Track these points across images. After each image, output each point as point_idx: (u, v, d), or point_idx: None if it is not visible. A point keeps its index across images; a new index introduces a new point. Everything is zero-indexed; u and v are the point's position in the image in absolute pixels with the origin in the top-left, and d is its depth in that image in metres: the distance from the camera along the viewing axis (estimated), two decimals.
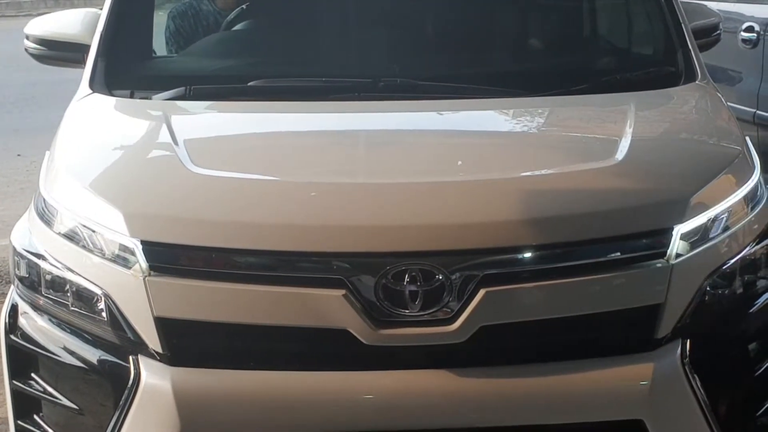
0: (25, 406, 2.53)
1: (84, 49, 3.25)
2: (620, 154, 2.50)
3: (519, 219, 2.29)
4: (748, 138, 2.83)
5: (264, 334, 2.29)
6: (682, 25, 3.22)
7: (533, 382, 2.31)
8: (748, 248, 2.48)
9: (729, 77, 5.93)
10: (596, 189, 2.40)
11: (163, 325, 2.29)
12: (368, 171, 2.51)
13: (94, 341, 2.41)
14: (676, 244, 2.34)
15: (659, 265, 2.33)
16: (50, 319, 2.49)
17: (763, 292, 2.52)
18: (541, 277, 2.28)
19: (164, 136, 2.65)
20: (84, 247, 2.40)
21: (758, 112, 5.55)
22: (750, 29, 5.61)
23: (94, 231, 2.38)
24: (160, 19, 4.02)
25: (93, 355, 2.41)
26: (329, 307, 2.25)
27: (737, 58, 5.80)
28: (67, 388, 2.45)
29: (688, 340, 2.36)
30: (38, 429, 2.51)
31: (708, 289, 2.40)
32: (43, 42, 3.39)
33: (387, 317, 2.26)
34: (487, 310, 2.26)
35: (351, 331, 2.25)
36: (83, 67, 3.38)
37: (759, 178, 2.61)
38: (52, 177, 2.60)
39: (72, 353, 2.44)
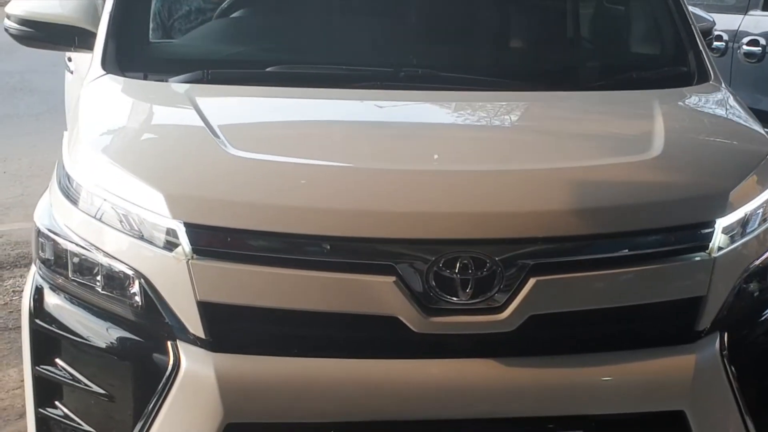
0: (48, 393, 2.44)
1: (72, 30, 3.17)
2: (658, 147, 2.53)
3: (569, 209, 2.29)
4: None
5: (310, 320, 2.25)
6: (692, 26, 3.27)
7: (579, 372, 2.31)
8: None
9: None
10: (640, 181, 2.41)
11: (207, 309, 2.23)
12: (415, 158, 2.48)
13: (126, 325, 2.34)
14: (718, 238, 2.36)
15: (703, 257, 2.35)
16: (77, 303, 2.40)
17: None
18: (589, 268, 2.29)
19: (194, 118, 2.58)
20: (117, 227, 2.32)
21: None
22: (718, 38, 5.74)
23: (129, 211, 2.31)
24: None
25: (124, 340, 2.34)
26: (379, 294, 2.22)
27: None
28: (95, 374, 2.37)
29: (726, 333, 2.39)
30: (62, 417, 2.43)
31: (744, 283, 2.43)
32: (25, 22, 3.29)
33: (437, 305, 2.24)
34: (536, 299, 2.25)
35: (401, 318, 2.23)
36: (70, 49, 3.30)
37: None
38: (78, 155, 2.51)
39: (102, 338, 2.36)
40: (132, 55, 3.04)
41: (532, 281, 2.24)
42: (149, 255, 2.28)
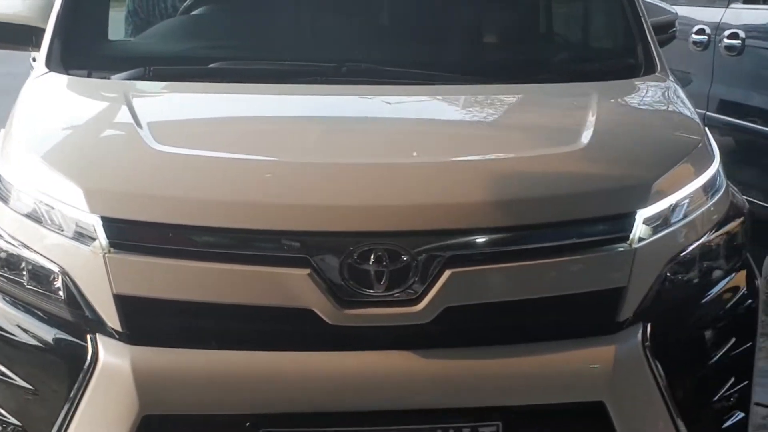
0: None
1: (31, 30, 3.19)
2: (584, 139, 2.52)
3: (485, 201, 2.29)
4: (707, 129, 2.86)
5: (226, 313, 2.26)
6: (642, 18, 3.26)
7: (496, 364, 2.31)
8: (707, 235, 2.51)
9: (680, 79, 6.02)
10: (561, 173, 2.41)
11: (123, 302, 2.25)
12: (333, 151, 2.49)
13: (51, 320, 2.36)
14: (639, 229, 2.35)
15: (622, 248, 2.34)
16: (4, 298, 2.43)
17: (721, 279, 2.55)
18: (506, 259, 2.29)
19: (125, 114, 2.60)
20: (41, 223, 2.35)
21: (708, 113, 5.64)
22: (701, 32, 5.71)
23: (52, 207, 2.34)
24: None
25: (49, 334, 2.36)
26: (294, 286, 2.23)
27: (688, 60, 5.89)
28: (21, 369, 2.39)
29: (649, 324, 2.38)
30: None
31: (668, 274, 2.42)
32: None
33: (352, 297, 2.25)
34: (451, 291, 2.25)
35: (315, 310, 2.23)
36: (29, 49, 3.32)
37: (718, 168, 2.65)
38: (8, 153, 2.54)
39: (27, 332, 2.38)
40: (78, 53, 3.07)
41: (447, 273, 2.25)
42: (70, 250, 2.31)
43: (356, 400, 2.27)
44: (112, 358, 2.26)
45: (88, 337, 2.29)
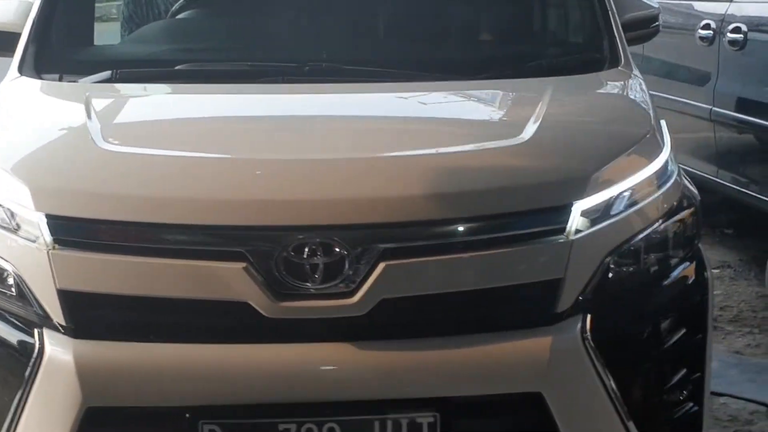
0: None
1: (10, 36, 3.27)
2: (527, 134, 2.53)
3: (418, 194, 2.32)
4: (664, 122, 2.85)
5: (165, 307, 2.32)
6: (609, 12, 3.26)
7: (433, 355, 2.33)
8: (653, 226, 2.51)
9: (687, 74, 5.99)
10: (497, 166, 2.43)
11: (66, 297, 2.31)
12: (270, 147, 2.54)
13: (3, 316, 2.43)
14: (576, 221, 2.36)
15: (558, 240, 2.35)
16: None
17: (668, 270, 2.55)
18: (440, 252, 2.31)
19: (80, 115, 2.67)
20: None
21: (714, 108, 5.59)
22: (707, 27, 5.67)
23: (3, 206, 2.41)
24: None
25: (1, 329, 2.43)
26: (230, 280, 2.27)
27: (695, 55, 5.86)
28: None
29: (589, 315, 2.39)
30: None
31: (611, 265, 2.43)
32: None
33: (288, 290, 2.28)
34: (387, 283, 2.28)
35: (251, 303, 2.28)
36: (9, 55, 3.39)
37: (668, 159, 2.64)
38: None
39: None
40: (50, 58, 3.15)
41: (381, 266, 2.28)
42: (19, 247, 2.38)
43: (293, 391, 2.31)
44: (57, 352, 2.32)
45: (36, 331, 2.36)
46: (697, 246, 2.65)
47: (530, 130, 2.55)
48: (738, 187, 5.48)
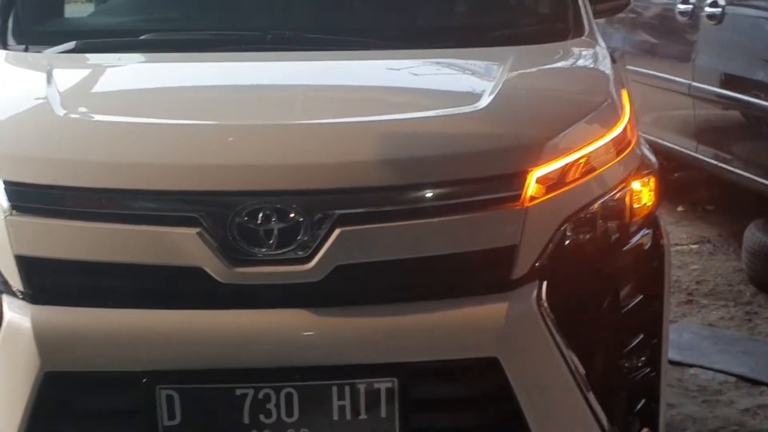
0: None
1: None
2: (483, 101, 2.54)
3: (373, 160, 2.32)
4: (626, 91, 2.86)
5: (122, 273, 2.32)
6: None
7: (390, 321, 2.34)
8: (610, 194, 2.52)
9: (668, 49, 5.99)
10: (452, 133, 2.44)
11: (23, 263, 2.32)
12: (226, 113, 2.55)
13: None
14: (531, 188, 2.38)
15: (513, 207, 2.36)
16: None
17: (624, 237, 2.56)
18: (396, 218, 2.32)
19: (41, 83, 2.67)
20: None
21: (693, 83, 5.60)
22: (686, 1, 5.67)
23: None
24: None
25: None
26: (184, 245, 2.28)
27: (675, 30, 5.86)
28: None
29: (545, 282, 2.40)
30: None
31: (567, 232, 2.44)
32: None
33: (242, 256, 2.29)
34: (342, 249, 2.29)
35: (206, 269, 2.29)
36: None
37: (625, 127, 2.64)
38: None
39: None
40: (17, 29, 3.15)
41: (337, 231, 2.29)
42: None
43: (250, 357, 2.32)
44: (16, 318, 2.33)
45: None
46: (655, 214, 2.66)
47: (487, 97, 2.55)
48: (717, 163, 5.50)
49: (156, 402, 2.31)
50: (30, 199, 2.33)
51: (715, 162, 5.50)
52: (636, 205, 2.59)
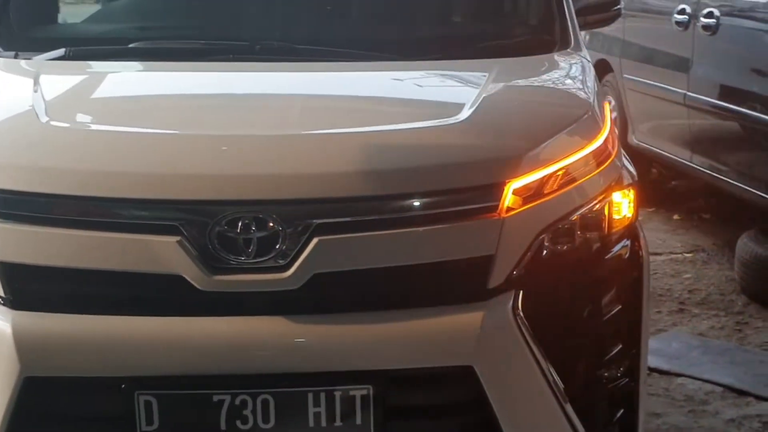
0: None
1: None
2: (463, 114, 2.57)
3: (350, 170, 2.35)
4: (610, 103, 2.89)
5: (104, 280, 2.35)
6: None
7: (366, 329, 2.37)
8: (588, 205, 2.54)
9: (664, 59, 6.01)
10: (430, 145, 2.46)
11: (5, 268, 2.36)
12: (208, 123, 2.58)
13: None
14: (508, 199, 2.40)
15: (490, 218, 2.39)
16: None
17: (602, 248, 2.58)
18: (373, 227, 2.35)
19: (27, 91, 2.71)
20: None
21: (688, 93, 5.62)
22: (683, 11, 5.69)
23: None
24: None
25: None
26: (164, 254, 2.31)
27: (672, 40, 5.88)
28: None
29: (522, 292, 2.42)
30: None
31: (544, 243, 2.46)
32: None
33: (221, 264, 2.32)
34: (320, 258, 2.32)
35: (186, 277, 2.31)
36: None
37: (605, 139, 2.66)
38: None
39: None
40: (8, 36, 3.19)
41: (315, 240, 2.31)
42: None
43: (227, 363, 2.34)
44: None
45: None
46: (634, 225, 2.68)
47: (467, 110, 2.58)
48: (711, 172, 5.52)
49: (135, 408, 2.34)
50: (12, 205, 2.36)
51: (709, 172, 5.52)
52: (615, 216, 2.61)
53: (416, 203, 2.37)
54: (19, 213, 2.36)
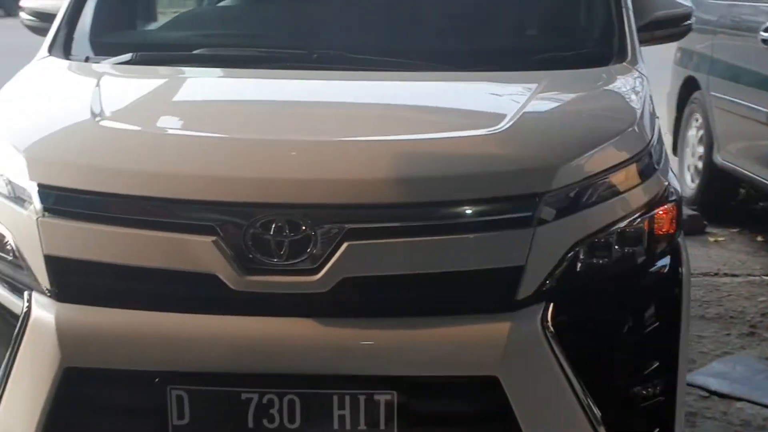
0: None
1: None
2: (504, 124, 2.58)
3: (382, 177, 2.39)
4: (658, 120, 2.85)
5: (141, 276, 2.43)
6: (623, 9, 3.27)
7: (393, 335, 2.40)
8: (626, 220, 2.52)
9: (751, 78, 5.87)
10: (464, 154, 2.48)
11: (51, 262, 2.45)
12: (249, 127, 2.65)
13: (2, 279, 2.59)
14: (540, 210, 2.40)
15: (521, 228, 2.39)
16: None
17: (639, 264, 2.55)
18: (403, 234, 2.37)
19: (87, 93, 2.82)
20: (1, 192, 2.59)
21: None
22: None
23: (6, 176, 2.57)
24: None
25: (2, 291, 2.59)
26: (200, 253, 2.38)
27: (758, 59, 5.76)
28: None
29: (552, 304, 2.42)
30: None
31: (580, 256, 2.45)
32: (36, 14, 3.62)
33: (254, 265, 2.38)
34: (349, 262, 2.36)
35: (220, 276, 2.38)
36: None
37: (648, 154, 2.64)
38: None
39: None
40: (82, 39, 3.32)
41: (345, 245, 2.35)
42: (13, 213, 2.53)
43: (255, 362, 2.40)
44: (42, 314, 2.46)
45: (26, 294, 2.50)
46: (676, 241, 2.64)
47: (507, 121, 2.59)
48: None
49: (167, 402, 2.41)
50: (60, 202, 2.46)
51: None
52: (655, 232, 2.58)
53: (446, 212, 2.39)
54: (66, 209, 2.46)
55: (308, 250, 2.37)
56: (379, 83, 3.01)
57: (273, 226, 2.37)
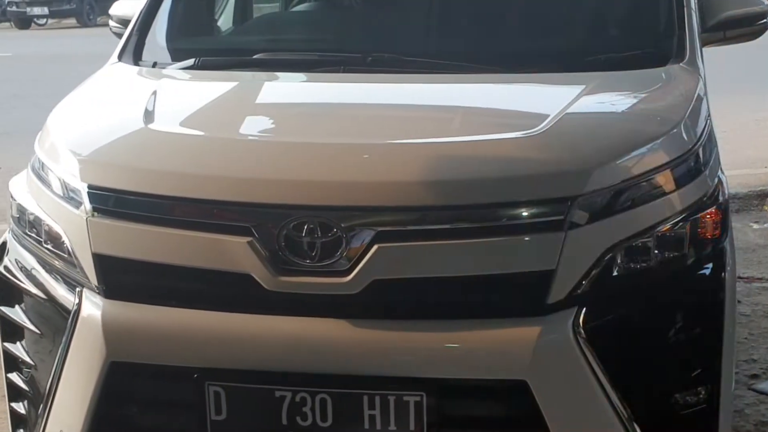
0: (8, 331, 2.87)
1: None
2: (542, 127, 2.56)
3: (414, 180, 2.40)
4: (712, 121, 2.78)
5: (181, 275, 2.52)
6: (684, 8, 3.20)
7: (422, 337, 2.42)
8: (664, 224, 2.47)
9: None
10: (498, 157, 2.48)
11: (99, 260, 2.56)
12: (288, 130, 2.71)
13: (57, 275, 2.71)
14: (572, 214, 2.38)
15: (552, 232, 2.38)
16: (29, 255, 2.81)
17: (678, 269, 2.50)
18: (433, 237, 2.39)
19: (143, 97, 2.92)
20: (51, 190, 2.72)
21: None
22: None
23: (57, 176, 2.70)
24: None
25: (54, 287, 2.70)
26: (236, 253, 2.45)
27: None
28: (34, 317, 2.76)
29: (585, 309, 2.40)
30: (17, 351, 2.85)
31: (616, 260, 2.42)
32: (122, 21, 3.77)
33: (287, 265, 2.43)
34: (380, 264, 2.39)
35: (254, 276, 2.44)
36: None
37: (693, 157, 2.58)
38: (44, 129, 2.94)
39: (39, 286, 2.74)
40: (151, 45, 3.45)
41: (375, 247, 2.39)
42: (66, 213, 2.65)
43: (288, 361, 2.45)
44: (90, 310, 2.58)
45: (77, 290, 2.62)
46: (721, 246, 2.58)
47: (547, 123, 2.57)
48: None
49: (205, 397, 2.49)
50: (107, 202, 2.57)
51: None
52: (698, 236, 2.52)
53: (477, 215, 2.40)
54: (114, 209, 2.56)
55: (339, 251, 2.41)
56: (425, 86, 3.03)
57: (305, 227, 2.42)
